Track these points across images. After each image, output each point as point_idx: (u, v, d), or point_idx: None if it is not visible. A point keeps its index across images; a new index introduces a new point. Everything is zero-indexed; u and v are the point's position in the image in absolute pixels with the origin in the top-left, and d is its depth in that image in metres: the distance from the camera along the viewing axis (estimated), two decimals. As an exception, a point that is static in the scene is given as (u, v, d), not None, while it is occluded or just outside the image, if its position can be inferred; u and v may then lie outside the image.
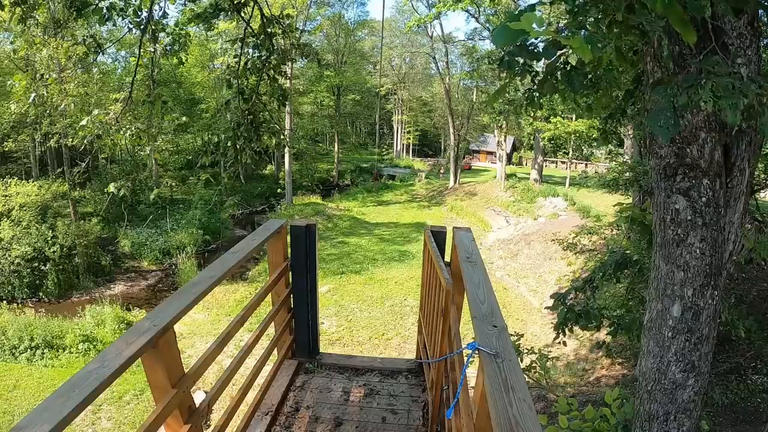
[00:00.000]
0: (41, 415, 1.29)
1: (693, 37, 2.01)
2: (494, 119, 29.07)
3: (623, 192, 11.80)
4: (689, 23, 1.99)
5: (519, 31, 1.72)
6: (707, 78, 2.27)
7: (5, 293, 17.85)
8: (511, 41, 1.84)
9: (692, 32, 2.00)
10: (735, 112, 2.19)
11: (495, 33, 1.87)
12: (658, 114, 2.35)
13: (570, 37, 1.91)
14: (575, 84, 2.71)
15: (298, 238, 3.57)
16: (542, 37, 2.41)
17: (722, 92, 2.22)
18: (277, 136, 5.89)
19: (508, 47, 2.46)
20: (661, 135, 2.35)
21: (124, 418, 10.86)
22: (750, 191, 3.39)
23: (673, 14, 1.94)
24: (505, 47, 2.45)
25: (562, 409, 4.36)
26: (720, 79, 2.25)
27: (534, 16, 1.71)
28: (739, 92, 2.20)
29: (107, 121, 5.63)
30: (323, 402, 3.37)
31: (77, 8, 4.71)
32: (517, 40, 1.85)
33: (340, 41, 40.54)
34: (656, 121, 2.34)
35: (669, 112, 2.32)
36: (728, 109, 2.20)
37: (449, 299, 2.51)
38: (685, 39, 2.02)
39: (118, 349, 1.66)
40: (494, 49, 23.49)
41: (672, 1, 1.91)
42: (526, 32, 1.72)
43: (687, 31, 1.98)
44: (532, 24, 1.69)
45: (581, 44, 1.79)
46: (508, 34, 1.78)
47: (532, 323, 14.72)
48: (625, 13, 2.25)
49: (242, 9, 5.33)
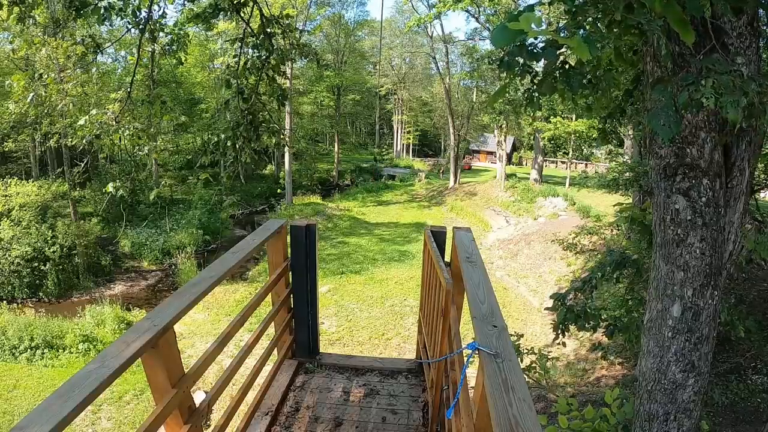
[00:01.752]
0: (41, 415, 1.29)
1: (691, 37, 2.01)
2: (494, 119, 29.07)
3: (623, 192, 11.80)
4: (688, 23, 1.99)
5: (518, 31, 1.72)
6: (708, 75, 2.27)
7: (5, 293, 17.84)
8: (510, 42, 1.83)
9: (691, 32, 1.99)
10: (736, 110, 2.18)
11: (494, 33, 1.87)
12: (659, 113, 2.34)
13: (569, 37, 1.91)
14: (573, 84, 2.71)
15: (298, 238, 3.57)
16: (541, 37, 2.41)
17: (723, 90, 2.22)
18: (277, 135, 5.88)
19: (508, 47, 2.46)
20: (662, 134, 2.35)
21: (124, 418, 10.86)
22: (750, 191, 3.39)
23: (672, 14, 1.94)
24: (504, 47, 2.45)
25: (562, 409, 4.36)
26: (721, 77, 2.25)
27: (533, 16, 1.70)
28: (740, 90, 2.20)
29: (106, 121, 5.63)
30: (323, 402, 3.37)
31: (76, 8, 4.70)
32: (515, 41, 1.84)
33: (340, 41, 40.52)
34: (657, 119, 2.33)
35: (670, 111, 2.32)
36: (729, 107, 2.19)
37: (449, 299, 2.51)
38: (684, 39, 2.02)
39: (118, 349, 1.66)
40: (494, 49, 23.45)
41: (671, 0, 1.91)
42: (525, 32, 1.72)
43: (686, 30, 1.98)
44: (530, 24, 1.69)
45: (580, 44, 1.79)
46: (507, 35, 1.77)
47: (532, 323, 14.72)
48: (623, 13, 2.25)
49: (241, 9, 5.33)
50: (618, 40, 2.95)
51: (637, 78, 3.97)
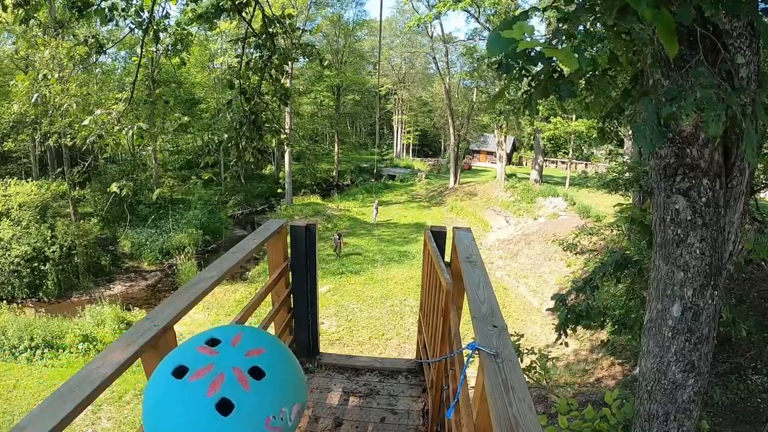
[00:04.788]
0: (41, 415, 1.29)
1: (675, 50, 2.01)
2: (494, 119, 29.09)
3: (623, 192, 11.80)
4: (674, 36, 1.98)
5: (510, 40, 1.74)
6: (692, 89, 2.28)
7: (5, 293, 17.84)
8: (504, 50, 1.85)
9: (675, 45, 2.00)
10: (717, 124, 2.20)
11: (488, 41, 1.88)
12: (643, 126, 2.36)
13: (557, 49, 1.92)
14: (562, 93, 2.72)
15: (298, 238, 3.58)
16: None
17: (705, 104, 2.23)
18: (279, 135, 5.89)
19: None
20: (645, 147, 2.37)
21: (124, 418, 10.86)
22: (750, 191, 3.39)
23: (662, 23, 1.94)
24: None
25: (562, 409, 4.36)
26: (704, 91, 2.26)
27: (525, 26, 1.72)
28: (723, 104, 2.21)
29: (109, 121, 5.63)
30: (323, 402, 3.37)
31: (79, 8, 4.70)
32: (508, 50, 1.86)
33: (340, 42, 40.52)
34: (642, 132, 2.35)
35: (654, 124, 2.33)
36: (710, 121, 2.21)
37: (449, 299, 2.51)
38: (668, 52, 2.03)
39: (118, 348, 1.66)
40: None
41: (661, 9, 1.91)
42: (516, 41, 1.73)
43: (671, 43, 1.98)
44: (523, 33, 1.71)
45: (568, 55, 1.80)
46: (501, 43, 1.80)
47: (532, 323, 14.73)
48: (616, 20, 2.25)
49: (243, 9, 5.33)
50: (613, 44, 2.95)
51: (635, 78, 3.97)
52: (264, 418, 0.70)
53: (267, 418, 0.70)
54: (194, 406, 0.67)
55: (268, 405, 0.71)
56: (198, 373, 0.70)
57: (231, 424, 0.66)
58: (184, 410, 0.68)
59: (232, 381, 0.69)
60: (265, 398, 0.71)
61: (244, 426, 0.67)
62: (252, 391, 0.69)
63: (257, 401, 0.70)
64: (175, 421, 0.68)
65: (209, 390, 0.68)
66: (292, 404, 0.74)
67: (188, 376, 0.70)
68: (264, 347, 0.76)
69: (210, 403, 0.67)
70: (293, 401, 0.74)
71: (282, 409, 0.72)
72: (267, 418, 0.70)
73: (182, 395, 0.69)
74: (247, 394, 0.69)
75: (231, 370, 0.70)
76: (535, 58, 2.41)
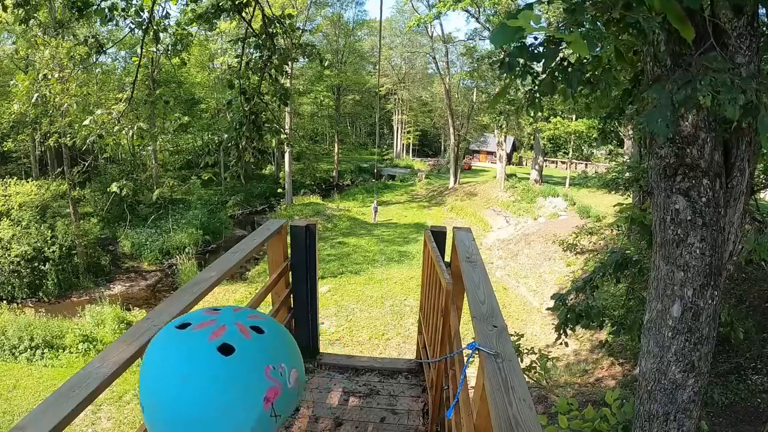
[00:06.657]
0: (41, 415, 1.29)
1: (691, 34, 2.00)
2: (494, 119, 29.05)
3: (623, 192, 11.80)
4: (687, 20, 1.98)
5: (517, 29, 1.72)
6: (706, 73, 2.26)
7: (5, 293, 17.83)
8: (510, 40, 1.83)
9: (690, 29, 1.99)
10: (734, 107, 2.18)
11: (493, 32, 1.87)
12: (656, 112, 2.34)
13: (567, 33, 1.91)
14: (573, 82, 2.70)
15: (298, 238, 3.57)
16: (541, 38, 2.41)
17: (721, 87, 2.21)
18: (278, 135, 5.89)
19: (508, 48, 2.46)
20: (660, 133, 2.34)
21: (124, 418, 10.86)
22: (750, 191, 3.39)
23: (671, 10, 1.93)
24: (505, 48, 2.45)
25: (562, 409, 4.36)
26: (719, 75, 2.24)
27: (531, 14, 1.71)
28: (738, 88, 2.19)
29: (109, 121, 5.63)
30: (323, 402, 3.37)
31: (78, 8, 4.70)
32: (515, 39, 1.84)
33: (340, 41, 40.51)
34: (654, 118, 2.33)
35: (668, 110, 2.32)
36: (727, 104, 2.18)
37: (449, 299, 2.51)
38: (684, 35, 2.01)
39: (118, 349, 1.66)
40: (494, 49, 23.47)
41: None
42: (524, 29, 1.72)
43: (685, 27, 1.97)
44: (529, 21, 1.69)
45: (578, 40, 1.79)
46: (507, 32, 1.77)
47: (532, 323, 14.72)
48: (622, 11, 2.24)
49: (243, 9, 5.33)
50: (617, 40, 2.94)
51: (636, 78, 3.97)
52: (264, 365, 0.71)
53: (267, 366, 0.71)
54: (195, 348, 0.69)
55: (269, 355, 0.72)
56: (201, 325, 0.72)
57: (231, 364, 0.68)
58: (185, 351, 0.70)
59: (234, 331, 0.71)
60: (266, 349, 0.72)
61: (244, 368, 0.69)
62: (253, 340, 0.71)
63: (258, 348, 0.71)
64: (176, 360, 0.69)
65: (211, 336, 0.70)
66: (291, 366, 0.74)
67: (191, 328, 0.72)
68: (264, 317, 0.78)
69: (212, 345, 0.69)
70: (292, 364, 0.75)
71: (281, 364, 0.72)
72: (267, 367, 0.71)
73: (184, 340, 0.71)
74: (247, 341, 0.71)
75: (233, 324, 0.72)
76: (539, 54, 2.40)
